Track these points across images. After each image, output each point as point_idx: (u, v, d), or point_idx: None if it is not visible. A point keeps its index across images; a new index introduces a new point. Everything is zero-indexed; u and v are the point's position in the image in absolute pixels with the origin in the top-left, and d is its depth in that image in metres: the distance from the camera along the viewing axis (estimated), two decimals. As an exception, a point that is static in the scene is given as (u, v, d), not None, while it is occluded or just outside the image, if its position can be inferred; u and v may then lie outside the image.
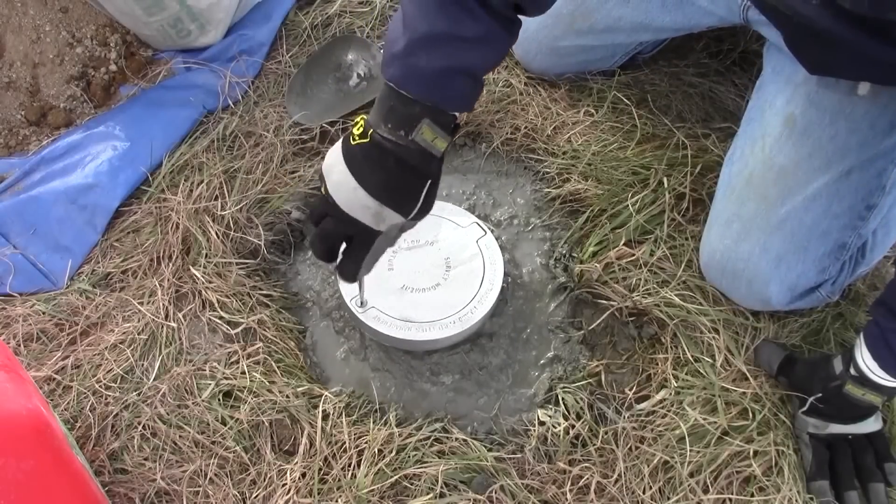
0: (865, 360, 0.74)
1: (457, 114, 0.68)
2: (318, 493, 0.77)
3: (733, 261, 0.86)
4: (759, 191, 0.85)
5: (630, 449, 0.81)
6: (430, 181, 0.67)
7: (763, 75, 0.92)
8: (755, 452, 0.80)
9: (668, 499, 0.78)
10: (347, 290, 0.91)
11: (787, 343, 0.89)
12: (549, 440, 0.82)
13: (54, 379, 0.86)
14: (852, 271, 0.86)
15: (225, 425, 0.82)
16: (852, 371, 0.75)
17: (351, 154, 0.66)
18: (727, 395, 0.83)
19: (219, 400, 0.84)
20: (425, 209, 0.69)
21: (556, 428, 0.83)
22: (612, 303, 0.92)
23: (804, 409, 0.80)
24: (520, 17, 0.71)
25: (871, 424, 0.79)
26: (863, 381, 0.74)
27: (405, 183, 0.65)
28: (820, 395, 0.77)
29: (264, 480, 0.79)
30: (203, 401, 0.83)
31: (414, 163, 0.64)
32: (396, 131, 0.63)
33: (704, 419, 0.82)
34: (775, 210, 0.83)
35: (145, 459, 0.80)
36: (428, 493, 0.77)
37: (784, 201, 0.82)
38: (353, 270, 0.69)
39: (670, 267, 0.94)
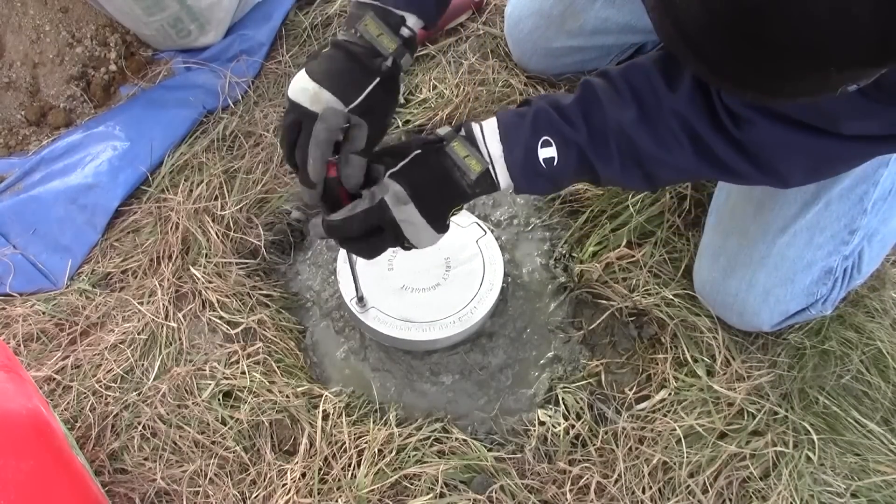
0: (484, 126, 0.67)
1: (412, 24, 0.68)
2: (318, 493, 0.77)
3: (722, 295, 0.86)
4: (741, 225, 0.85)
5: (630, 449, 0.81)
6: (376, 79, 0.67)
7: None
8: (753, 454, 0.80)
9: (668, 499, 0.78)
10: (347, 291, 0.91)
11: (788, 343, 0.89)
12: (549, 440, 0.82)
13: (54, 379, 0.86)
14: (846, 286, 0.86)
15: (225, 425, 0.82)
16: (461, 132, 0.68)
17: (311, 58, 0.70)
18: (726, 396, 0.83)
19: (219, 400, 0.84)
20: (371, 111, 0.67)
21: (556, 428, 0.83)
22: (612, 303, 0.92)
23: (395, 168, 0.66)
24: None
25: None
26: (472, 139, 0.67)
27: (347, 71, 0.67)
28: (418, 151, 0.67)
29: (264, 480, 0.79)
30: (203, 401, 0.83)
31: (357, 52, 0.67)
32: (348, 30, 0.67)
33: (702, 422, 0.82)
34: (757, 247, 0.83)
35: (145, 459, 0.80)
36: (428, 493, 0.77)
37: (764, 237, 0.82)
38: (302, 160, 0.67)
39: (670, 270, 0.94)
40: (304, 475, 0.78)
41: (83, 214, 1.00)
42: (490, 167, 0.67)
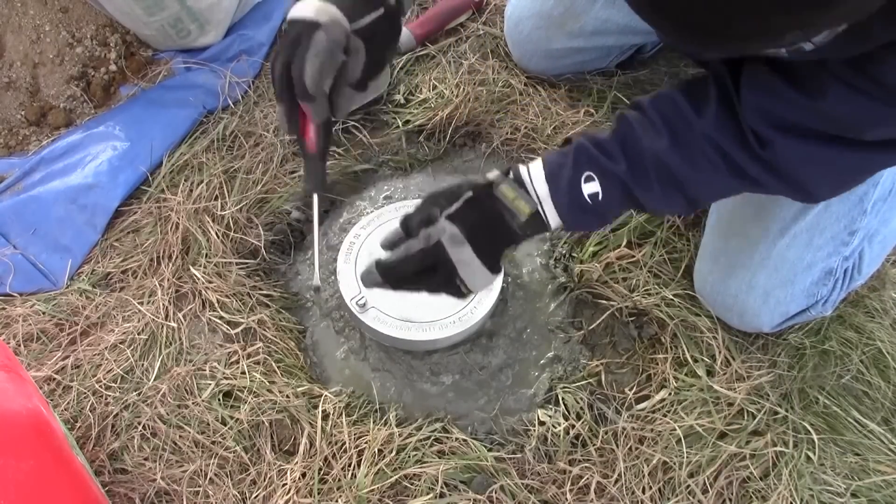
0: (531, 168, 0.69)
1: None
2: (318, 493, 0.77)
3: (723, 296, 0.86)
4: (741, 227, 0.85)
5: (630, 449, 0.81)
6: (381, 10, 0.68)
7: None
8: (753, 454, 0.80)
9: (668, 499, 0.78)
10: (348, 291, 0.91)
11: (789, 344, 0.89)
12: (549, 440, 0.82)
13: (54, 379, 0.86)
14: (847, 287, 0.86)
15: (225, 425, 0.82)
16: (511, 175, 0.70)
17: None
18: (726, 396, 0.83)
19: (219, 400, 0.84)
20: (372, 39, 0.68)
21: (556, 428, 0.83)
22: (612, 303, 0.92)
23: (450, 210, 0.67)
24: None
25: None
26: (519, 181, 0.68)
27: None
28: (470, 193, 0.68)
29: (264, 480, 0.78)
30: (203, 401, 0.83)
31: None
32: None
33: (702, 422, 0.82)
34: (757, 248, 0.83)
35: (145, 459, 0.80)
36: (428, 493, 0.77)
37: (765, 239, 0.82)
38: (299, 70, 0.66)
39: (670, 270, 0.94)
40: (304, 475, 0.78)
41: (83, 214, 1.00)
42: (539, 208, 0.68)
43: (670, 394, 0.85)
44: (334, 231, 1.04)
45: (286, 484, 0.77)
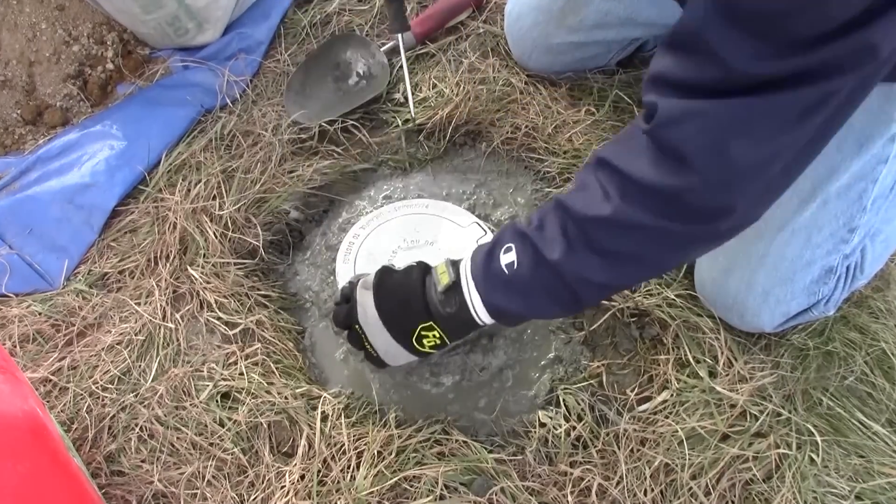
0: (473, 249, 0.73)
1: None
2: (317, 496, 0.77)
3: (722, 296, 0.86)
4: None
5: (631, 451, 0.81)
6: None
7: None
8: (755, 456, 0.80)
9: (670, 502, 0.78)
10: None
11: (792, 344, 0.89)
12: (549, 442, 0.82)
13: (50, 380, 0.86)
14: (849, 286, 0.86)
15: (223, 427, 0.81)
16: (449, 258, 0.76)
17: None
18: (728, 398, 0.83)
19: (217, 401, 0.83)
20: None
21: (556, 429, 0.82)
22: (613, 303, 0.92)
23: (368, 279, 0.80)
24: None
25: None
26: (454, 262, 0.74)
27: None
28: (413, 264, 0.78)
29: (263, 482, 0.78)
30: (201, 402, 0.83)
31: None
32: None
33: (704, 423, 0.81)
34: (755, 246, 0.82)
35: (142, 461, 0.80)
36: (428, 496, 0.76)
37: (762, 237, 0.82)
38: None
39: (671, 270, 0.94)
40: (302, 477, 0.78)
41: (80, 214, 0.99)
42: (461, 281, 0.72)
43: (672, 395, 0.84)
44: (333, 231, 1.03)
45: (285, 486, 0.77)
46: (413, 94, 1.12)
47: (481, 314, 0.73)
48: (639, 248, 0.63)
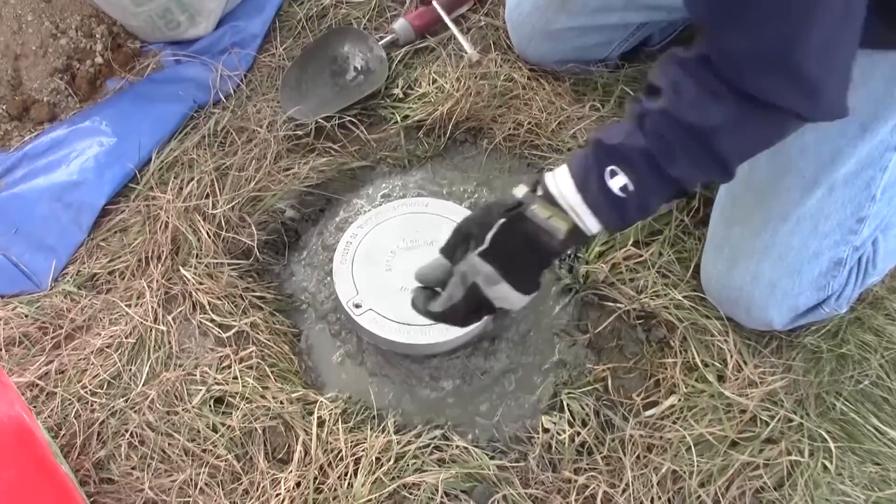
0: (558, 179, 0.67)
1: None
2: (314, 503, 0.77)
3: (728, 289, 0.86)
4: (743, 214, 0.84)
5: (638, 457, 0.81)
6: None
7: None
8: (766, 463, 0.79)
9: (678, 509, 0.78)
10: (344, 292, 0.91)
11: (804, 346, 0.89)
12: (553, 448, 0.82)
13: (37, 385, 0.86)
14: (861, 282, 0.86)
15: (216, 432, 0.81)
16: (539, 192, 0.69)
17: None
18: (738, 403, 0.83)
19: (210, 406, 0.83)
20: None
21: (560, 435, 0.82)
22: (619, 305, 0.92)
23: (482, 248, 0.69)
24: None
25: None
26: (549, 196, 0.67)
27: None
28: (502, 221, 0.68)
29: (257, 490, 0.78)
30: (193, 407, 0.83)
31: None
32: None
33: (713, 429, 0.81)
34: (760, 236, 0.82)
35: (133, 468, 0.80)
36: (427, 503, 0.76)
37: (767, 226, 0.82)
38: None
39: (679, 270, 0.94)
40: (298, 484, 0.78)
41: (68, 213, 0.99)
42: (576, 219, 0.67)
43: (680, 400, 0.84)
44: (330, 231, 1.03)
45: (280, 494, 0.77)
46: (413, 88, 1.12)
47: (599, 233, 0.70)
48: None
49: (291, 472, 0.78)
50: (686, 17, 1.07)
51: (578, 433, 0.82)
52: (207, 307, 0.90)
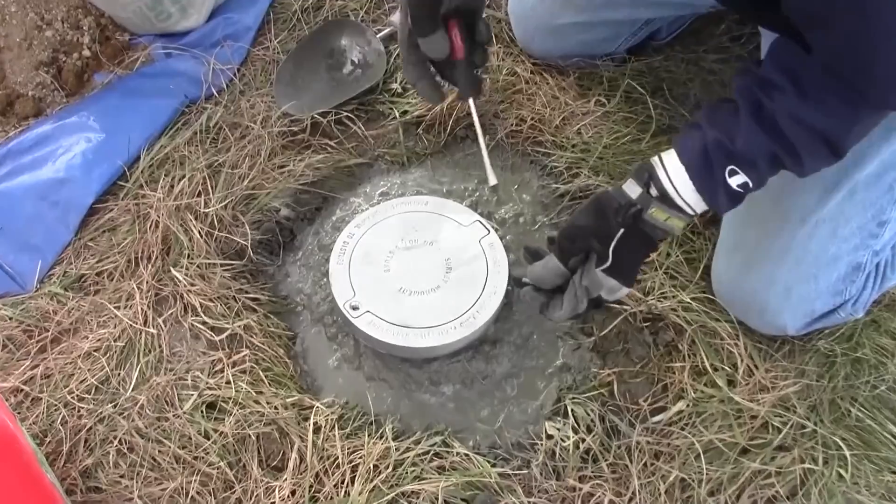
0: (671, 172, 0.69)
1: None
2: (309, 513, 0.76)
3: (741, 293, 0.86)
4: (759, 216, 0.84)
5: (645, 465, 0.81)
6: None
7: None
8: (778, 471, 0.79)
9: (687, 519, 0.78)
10: (341, 294, 0.91)
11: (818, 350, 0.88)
12: (557, 455, 0.82)
13: (22, 390, 0.86)
14: (879, 287, 0.86)
15: (208, 439, 0.81)
16: (653, 191, 0.71)
17: None
18: (749, 409, 0.83)
19: (202, 412, 0.83)
20: None
21: (564, 442, 0.82)
22: (625, 307, 0.91)
23: (605, 265, 0.74)
24: None
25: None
26: (666, 198, 0.70)
27: None
28: (622, 231, 0.72)
29: (251, 499, 0.78)
30: (185, 413, 0.83)
31: None
32: None
33: (723, 436, 0.81)
34: (777, 239, 0.82)
35: (121, 477, 0.80)
36: (427, 513, 0.76)
37: (783, 228, 0.82)
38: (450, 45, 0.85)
39: (687, 271, 0.93)
40: (293, 493, 0.78)
41: (54, 212, 0.99)
42: (694, 216, 0.72)
43: (688, 405, 0.84)
44: (326, 230, 1.03)
45: (274, 502, 0.77)
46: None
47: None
48: None
49: (286, 480, 0.78)
50: (695, 10, 1.07)
51: (583, 440, 0.82)
52: (199, 309, 0.90)
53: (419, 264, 0.94)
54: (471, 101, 0.96)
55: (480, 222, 0.98)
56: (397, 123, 1.10)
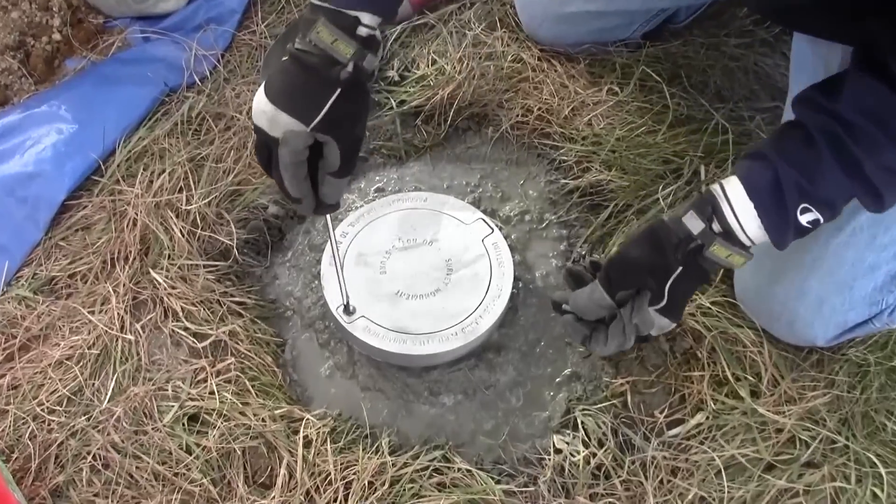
0: (736, 207, 0.69)
1: (368, 21, 0.70)
2: (299, 535, 0.76)
3: (769, 303, 0.85)
4: None
5: (661, 482, 0.80)
6: (337, 91, 0.71)
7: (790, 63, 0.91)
8: (807, 489, 0.79)
9: (707, 541, 0.77)
10: (333, 298, 0.91)
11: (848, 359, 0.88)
12: (566, 471, 0.82)
13: (-12, 401, 0.85)
14: None
15: (190, 454, 0.81)
16: (716, 227, 0.71)
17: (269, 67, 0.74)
18: (774, 422, 0.83)
19: (183, 425, 0.83)
20: (338, 125, 0.72)
21: (574, 457, 0.82)
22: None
23: (660, 305, 0.74)
24: None
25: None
26: (730, 238, 0.70)
27: (304, 87, 0.71)
28: (680, 269, 0.72)
29: (236, 520, 0.78)
30: (164, 426, 0.82)
31: (313, 63, 0.70)
32: (302, 39, 0.71)
33: (746, 451, 0.81)
34: (809, 248, 0.81)
35: (95, 496, 0.79)
36: (427, 534, 0.76)
37: (817, 236, 0.79)
38: (279, 180, 0.74)
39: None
40: (282, 513, 0.77)
41: (23, 209, 0.99)
42: (755, 251, 0.72)
43: (708, 418, 0.84)
44: (317, 229, 1.03)
45: (261, 523, 0.77)
46: (410, 71, 1.11)
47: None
48: None
49: (274, 497, 0.78)
50: None
51: (594, 454, 0.82)
52: (181, 314, 0.90)
53: (418, 265, 0.94)
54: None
55: (483, 220, 0.98)
56: (394, 114, 1.10)
